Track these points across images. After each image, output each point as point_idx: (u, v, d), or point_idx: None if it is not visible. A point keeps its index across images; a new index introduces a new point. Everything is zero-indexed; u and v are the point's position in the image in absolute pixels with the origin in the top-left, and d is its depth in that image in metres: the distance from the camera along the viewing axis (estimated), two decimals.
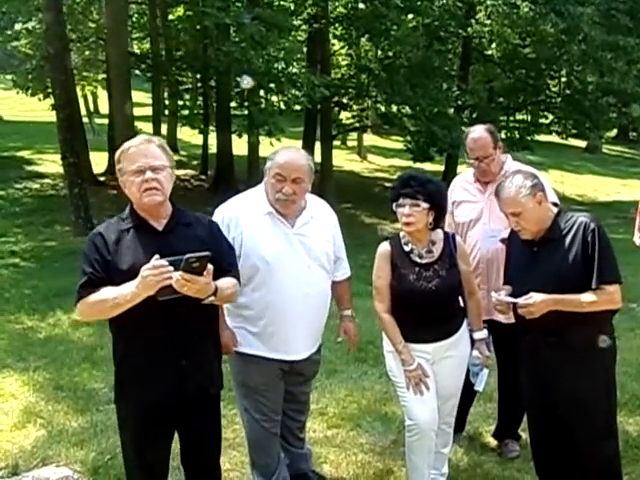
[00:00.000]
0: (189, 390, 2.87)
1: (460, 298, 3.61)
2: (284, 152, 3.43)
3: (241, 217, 3.37)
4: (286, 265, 3.35)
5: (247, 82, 14.10)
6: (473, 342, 3.62)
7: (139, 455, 2.95)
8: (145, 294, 2.63)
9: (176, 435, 3.06)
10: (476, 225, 4.04)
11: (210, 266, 2.62)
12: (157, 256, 2.62)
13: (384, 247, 3.53)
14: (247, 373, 3.45)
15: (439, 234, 3.53)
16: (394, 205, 3.40)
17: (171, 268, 2.58)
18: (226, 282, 2.84)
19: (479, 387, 3.68)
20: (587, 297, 3.10)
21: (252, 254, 3.28)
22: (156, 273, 2.58)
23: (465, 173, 4.35)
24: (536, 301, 3.10)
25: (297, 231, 3.41)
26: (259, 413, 3.48)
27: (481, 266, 3.96)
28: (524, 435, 4.15)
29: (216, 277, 2.73)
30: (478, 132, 4.00)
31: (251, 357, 3.42)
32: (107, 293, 2.70)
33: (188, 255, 2.55)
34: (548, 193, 3.53)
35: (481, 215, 4.02)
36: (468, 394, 3.91)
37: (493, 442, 4.39)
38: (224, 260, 2.90)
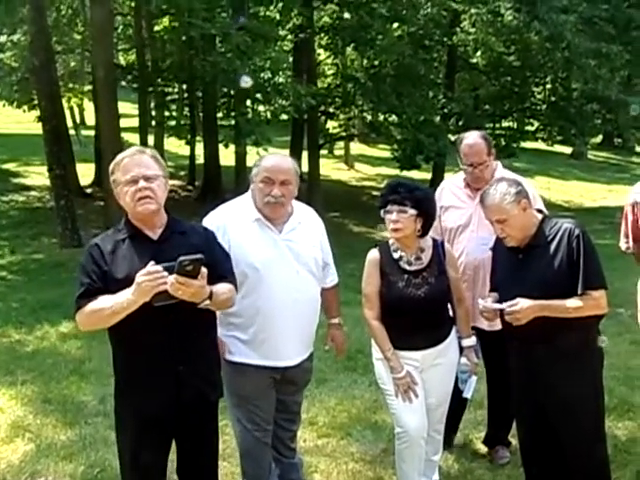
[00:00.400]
0: (187, 397, 2.88)
1: (449, 305, 3.63)
2: (270, 157, 3.53)
3: (229, 225, 3.38)
4: (275, 271, 3.36)
5: (246, 81, 14.09)
6: (461, 349, 3.63)
7: (136, 466, 2.95)
8: (141, 300, 2.64)
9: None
10: (464, 231, 4.05)
11: (204, 269, 2.63)
12: (152, 262, 2.64)
13: (373, 254, 3.54)
14: (239, 382, 3.44)
15: (428, 241, 3.54)
16: (382, 212, 3.42)
17: (165, 273, 2.60)
18: (222, 287, 2.86)
19: (467, 394, 3.69)
20: (573, 303, 3.12)
21: (241, 261, 3.27)
22: (151, 279, 2.59)
23: (454, 176, 4.35)
24: (522, 307, 3.12)
25: (285, 237, 3.42)
26: (251, 423, 3.47)
27: (468, 272, 3.97)
28: (514, 441, 4.15)
29: (212, 284, 2.75)
30: (473, 138, 4.00)
31: (242, 366, 3.41)
32: (104, 302, 2.72)
33: (181, 258, 2.56)
34: (534, 200, 3.56)
35: (470, 221, 4.02)
36: (459, 402, 3.91)
37: (483, 449, 4.40)
38: (220, 267, 2.92)
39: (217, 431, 3.14)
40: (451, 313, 3.64)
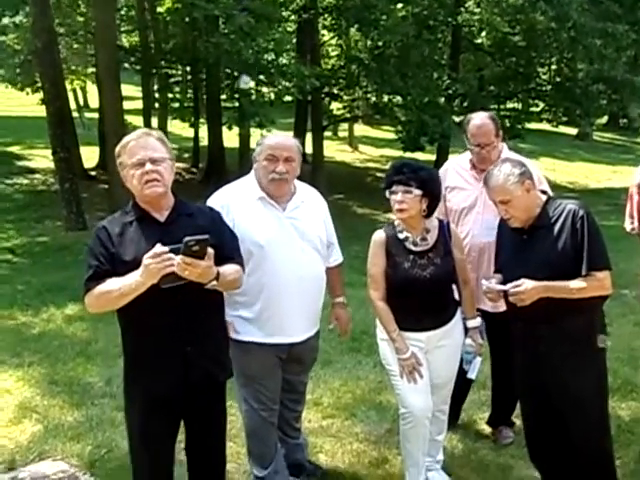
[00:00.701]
0: (195, 378, 2.90)
1: (454, 286, 3.63)
2: (272, 136, 3.60)
3: (233, 204, 3.40)
4: (279, 248, 3.38)
5: (246, 82, 14.06)
6: (466, 330, 3.64)
7: (145, 446, 2.98)
8: (149, 282, 2.65)
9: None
10: (470, 213, 4.03)
11: (211, 250, 2.64)
12: (159, 244, 2.65)
13: (379, 235, 3.54)
14: (245, 361, 3.47)
15: (433, 222, 3.54)
16: (387, 192, 3.42)
17: (172, 255, 2.61)
18: (229, 267, 2.87)
19: (472, 375, 3.70)
20: (577, 284, 3.11)
21: (245, 239, 3.28)
22: (158, 260, 2.61)
23: (459, 157, 4.32)
24: (527, 288, 3.11)
25: (289, 215, 3.45)
26: (257, 402, 3.51)
27: (472, 254, 3.97)
28: (518, 422, 4.17)
29: (220, 265, 2.77)
30: (481, 119, 3.97)
31: (248, 344, 3.44)
32: (112, 284, 2.74)
33: (187, 238, 2.57)
34: (539, 181, 3.54)
35: (475, 203, 4.01)
36: (463, 383, 3.93)
37: (487, 429, 4.43)
38: (227, 247, 2.93)
39: (225, 412, 3.16)
40: (456, 294, 3.65)
